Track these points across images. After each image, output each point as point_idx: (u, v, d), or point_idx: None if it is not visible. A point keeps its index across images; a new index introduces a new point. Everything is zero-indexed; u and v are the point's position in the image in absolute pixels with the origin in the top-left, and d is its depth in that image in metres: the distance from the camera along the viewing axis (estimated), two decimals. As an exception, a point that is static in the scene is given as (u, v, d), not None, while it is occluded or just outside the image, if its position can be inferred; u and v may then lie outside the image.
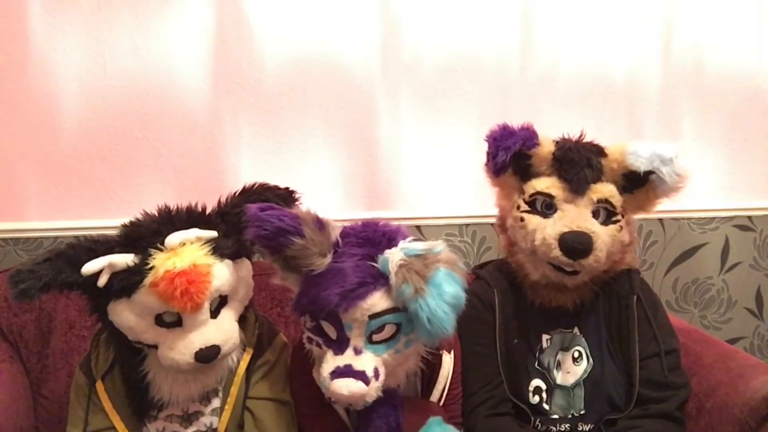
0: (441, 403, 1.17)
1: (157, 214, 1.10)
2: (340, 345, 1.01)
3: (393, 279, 0.98)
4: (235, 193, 1.17)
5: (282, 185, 1.23)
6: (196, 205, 1.13)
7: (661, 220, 1.88)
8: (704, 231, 1.92)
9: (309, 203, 1.17)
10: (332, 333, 1.02)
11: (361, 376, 0.98)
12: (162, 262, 0.99)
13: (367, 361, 1.00)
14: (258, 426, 1.12)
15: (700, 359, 1.30)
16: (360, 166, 1.71)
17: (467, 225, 1.76)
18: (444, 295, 0.95)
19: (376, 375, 1.00)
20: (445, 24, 1.71)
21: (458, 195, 1.76)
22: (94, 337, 1.16)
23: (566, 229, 1.15)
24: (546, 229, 1.17)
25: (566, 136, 1.28)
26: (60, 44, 1.54)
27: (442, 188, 1.75)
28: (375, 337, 1.01)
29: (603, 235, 1.17)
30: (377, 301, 1.00)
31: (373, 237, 1.05)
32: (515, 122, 1.26)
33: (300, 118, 1.67)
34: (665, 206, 1.84)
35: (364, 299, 0.99)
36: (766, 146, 1.95)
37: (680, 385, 1.24)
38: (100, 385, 1.10)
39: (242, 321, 1.15)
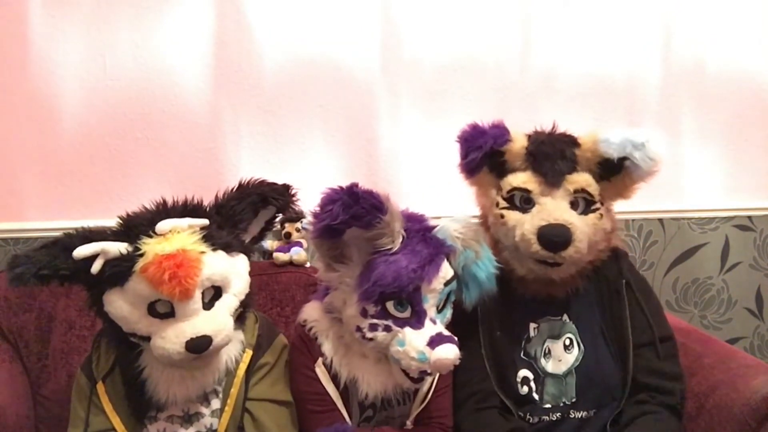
0: (429, 395, 1.18)
1: (153, 207, 1.11)
2: (418, 319, 1.04)
3: (459, 246, 1.08)
4: (232, 189, 1.17)
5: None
6: (193, 198, 1.14)
7: (661, 220, 1.88)
8: (704, 231, 1.92)
9: (308, 203, 1.17)
10: (402, 312, 1.04)
11: (453, 339, 1.03)
12: (152, 247, 0.99)
13: (441, 326, 1.06)
14: (258, 428, 1.12)
15: (700, 359, 1.30)
16: (360, 165, 1.71)
17: (467, 225, 1.76)
18: (492, 257, 1.12)
19: None
20: (445, 24, 1.71)
21: (458, 195, 1.75)
22: (96, 338, 1.16)
23: (544, 223, 1.15)
24: (524, 225, 1.17)
25: (539, 129, 1.28)
26: (60, 44, 1.54)
27: (441, 188, 1.75)
28: (439, 306, 1.07)
29: (581, 225, 1.17)
30: (447, 269, 1.07)
31: (413, 215, 1.12)
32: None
33: (300, 118, 1.67)
34: (665, 206, 1.88)
35: (440, 268, 1.05)
36: (766, 146, 1.96)
37: (677, 375, 1.24)
38: (100, 387, 1.10)
39: (242, 321, 1.15)
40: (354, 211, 0.98)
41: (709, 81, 1.87)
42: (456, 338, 1.04)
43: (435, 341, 1.01)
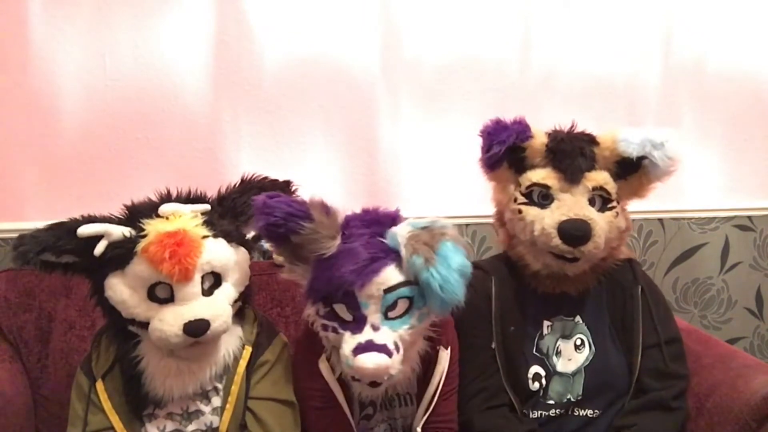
0: (434, 399, 1.17)
1: (157, 197, 1.14)
2: (357, 324, 1.03)
3: (403, 251, 1.02)
4: (234, 185, 1.21)
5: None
6: (197, 190, 1.17)
7: (661, 220, 1.89)
8: (704, 231, 1.92)
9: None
10: (347, 315, 1.04)
11: (383, 349, 1.00)
12: (154, 227, 1.03)
13: (387, 335, 1.02)
14: (261, 427, 1.12)
15: (700, 359, 1.30)
16: (360, 165, 1.71)
17: (467, 225, 1.76)
18: (452, 263, 1.00)
19: (397, 348, 1.02)
20: (445, 24, 1.71)
21: (458, 195, 1.76)
22: (95, 336, 1.16)
23: (564, 218, 1.17)
24: (544, 219, 1.19)
25: (558, 128, 1.29)
26: (60, 44, 1.54)
27: (441, 188, 1.75)
28: (390, 314, 1.04)
29: (600, 221, 1.18)
30: (390, 274, 1.03)
31: (377, 217, 1.10)
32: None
33: (300, 118, 1.67)
34: (665, 206, 1.88)
35: (378, 274, 1.02)
36: (766, 146, 1.96)
37: (681, 375, 1.25)
38: (100, 385, 1.10)
39: (241, 318, 1.16)
40: (270, 220, 1.01)
41: (709, 80, 1.87)
42: (389, 347, 1.00)
43: (360, 348, 1.00)
